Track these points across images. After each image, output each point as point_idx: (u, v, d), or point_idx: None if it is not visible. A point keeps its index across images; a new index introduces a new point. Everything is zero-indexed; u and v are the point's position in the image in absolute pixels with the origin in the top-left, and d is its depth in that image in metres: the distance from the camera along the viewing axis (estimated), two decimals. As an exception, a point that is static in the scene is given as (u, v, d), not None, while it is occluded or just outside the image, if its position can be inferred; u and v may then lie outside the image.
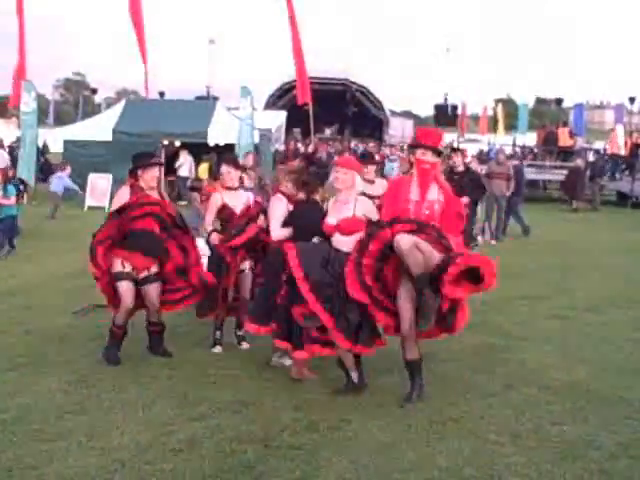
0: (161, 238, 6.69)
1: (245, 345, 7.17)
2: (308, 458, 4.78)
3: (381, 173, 30.07)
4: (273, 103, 42.36)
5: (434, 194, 5.76)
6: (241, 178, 7.37)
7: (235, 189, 7.09)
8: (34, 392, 5.86)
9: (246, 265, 7.05)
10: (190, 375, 6.31)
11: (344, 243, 5.88)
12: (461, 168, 10.79)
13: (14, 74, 22.14)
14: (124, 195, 6.65)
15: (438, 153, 5.82)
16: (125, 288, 6.56)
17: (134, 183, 6.71)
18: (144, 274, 6.67)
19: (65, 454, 4.75)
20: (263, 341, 6.89)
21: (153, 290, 6.73)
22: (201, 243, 7.24)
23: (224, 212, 6.98)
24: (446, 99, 45.10)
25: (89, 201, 19.76)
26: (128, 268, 6.58)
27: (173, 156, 22.14)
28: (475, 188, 10.54)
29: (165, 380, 6.16)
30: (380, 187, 8.25)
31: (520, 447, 5.01)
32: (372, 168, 8.29)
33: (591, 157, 28.59)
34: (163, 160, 20.85)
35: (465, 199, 10.53)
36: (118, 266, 6.56)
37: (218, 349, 7.04)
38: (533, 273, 11.58)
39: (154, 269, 6.72)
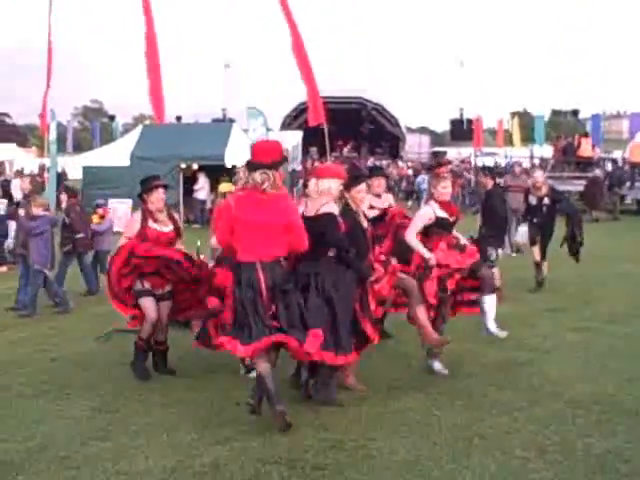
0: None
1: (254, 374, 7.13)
2: (333, 478, 4.75)
3: (413, 187, 30.33)
4: (289, 123, 42.61)
5: None
6: None
7: None
8: (59, 418, 5.90)
9: None
10: (214, 398, 6.30)
11: None
12: (489, 188, 10.88)
13: (43, 102, 22.35)
14: (136, 221, 6.95)
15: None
16: (148, 303, 6.83)
17: (145, 207, 6.97)
18: (160, 292, 6.92)
19: (91, 480, 4.76)
20: (283, 362, 6.89)
21: (165, 308, 6.97)
22: None
23: None
24: (462, 114, 45.09)
25: (109, 226, 19.87)
26: (147, 285, 6.84)
27: (191, 178, 22.29)
28: (487, 211, 10.62)
29: (189, 404, 6.16)
30: (386, 201, 8.20)
31: (547, 462, 4.95)
32: (382, 181, 8.23)
33: (609, 167, 28.38)
34: (182, 183, 21.13)
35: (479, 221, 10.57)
36: (137, 284, 6.83)
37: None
38: (554, 285, 11.45)
39: (168, 288, 6.95)
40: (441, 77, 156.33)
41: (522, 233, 11.44)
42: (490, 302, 7.05)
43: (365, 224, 6.50)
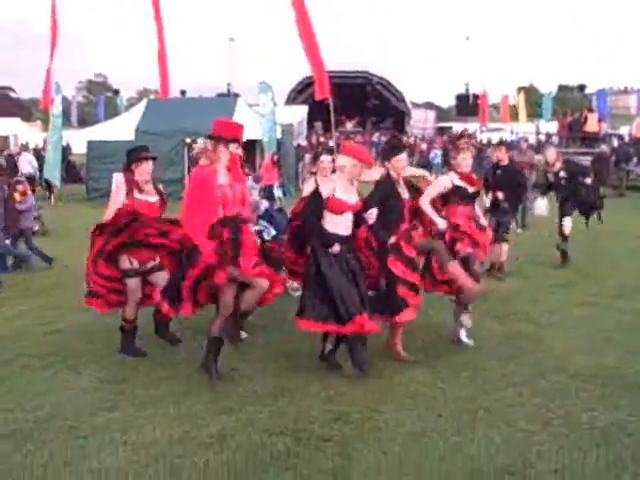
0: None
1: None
2: (339, 449, 4.80)
3: (427, 161, 30.67)
4: (294, 98, 42.47)
5: None
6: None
7: None
8: (67, 389, 5.95)
9: None
10: (219, 369, 6.33)
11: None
12: (505, 162, 10.79)
13: (46, 76, 22.24)
14: (122, 192, 6.75)
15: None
16: (134, 284, 6.76)
17: (130, 178, 6.83)
18: (151, 264, 6.80)
19: (98, 450, 4.81)
20: (291, 333, 6.94)
21: (161, 277, 6.78)
22: None
23: None
24: (467, 89, 44.88)
25: (114, 200, 19.87)
26: (135, 264, 6.73)
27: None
28: (510, 185, 10.51)
29: (195, 375, 6.18)
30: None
31: (551, 434, 4.99)
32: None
33: (615, 143, 28.22)
34: (186, 158, 21.09)
35: (500, 194, 10.45)
36: (126, 263, 6.71)
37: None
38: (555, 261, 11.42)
39: (157, 259, 6.83)
40: (447, 51, 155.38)
41: (539, 205, 11.34)
42: (467, 320, 7.17)
43: (406, 195, 6.68)
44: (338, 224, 6.11)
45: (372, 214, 6.30)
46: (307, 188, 7.54)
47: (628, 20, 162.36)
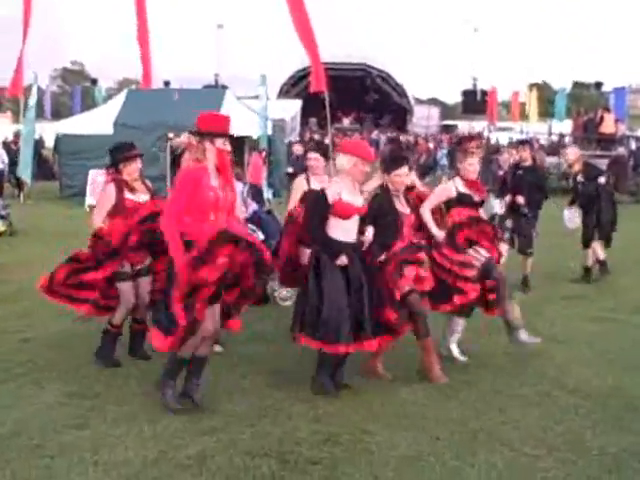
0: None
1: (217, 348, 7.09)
2: (327, 473, 4.78)
3: (434, 161, 31.00)
4: (287, 91, 42.51)
5: None
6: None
7: None
8: (32, 404, 5.91)
9: None
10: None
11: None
12: (528, 163, 10.65)
13: (17, 61, 22.08)
14: (111, 194, 6.81)
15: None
16: (127, 288, 6.83)
17: (116, 177, 6.90)
18: (138, 267, 6.88)
19: (66, 470, 4.78)
20: (277, 346, 6.93)
21: (145, 283, 6.91)
22: None
23: None
24: (475, 84, 44.99)
25: (90, 200, 19.76)
26: (127, 267, 6.79)
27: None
28: (532, 188, 10.39)
29: (172, 391, 6.17)
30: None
31: (558, 460, 4.98)
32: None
33: (634, 145, 28.30)
34: (169, 154, 21.05)
35: (520, 198, 10.38)
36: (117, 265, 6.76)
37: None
38: (573, 272, 11.45)
39: (147, 262, 6.90)
40: (453, 44, 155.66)
41: (569, 217, 11.21)
42: (462, 324, 7.20)
43: (405, 210, 6.65)
44: (345, 230, 6.07)
45: (369, 234, 6.26)
46: (296, 191, 7.50)
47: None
